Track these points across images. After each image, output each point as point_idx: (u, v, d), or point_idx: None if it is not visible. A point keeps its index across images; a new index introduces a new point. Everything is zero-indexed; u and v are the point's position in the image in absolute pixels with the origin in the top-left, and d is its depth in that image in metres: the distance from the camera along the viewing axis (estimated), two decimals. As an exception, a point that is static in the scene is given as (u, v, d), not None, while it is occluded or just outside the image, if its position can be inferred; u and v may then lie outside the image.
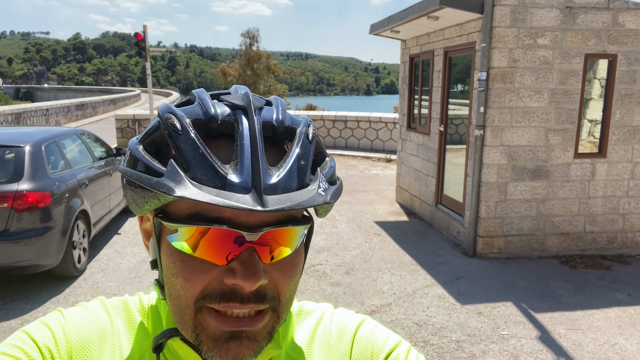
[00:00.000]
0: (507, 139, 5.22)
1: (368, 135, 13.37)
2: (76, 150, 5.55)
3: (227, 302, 0.50)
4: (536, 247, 5.50)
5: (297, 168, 0.50)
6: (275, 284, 0.52)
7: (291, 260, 0.53)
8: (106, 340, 0.59)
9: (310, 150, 0.53)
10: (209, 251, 0.49)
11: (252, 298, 0.50)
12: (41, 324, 0.58)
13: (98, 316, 0.61)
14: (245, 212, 0.48)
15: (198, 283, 0.50)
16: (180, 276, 0.51)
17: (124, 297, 0.65)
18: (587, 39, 5.13)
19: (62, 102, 21.40)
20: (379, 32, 7.30)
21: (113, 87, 74.90)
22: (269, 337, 0.53)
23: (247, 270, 0.49)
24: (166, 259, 0.53)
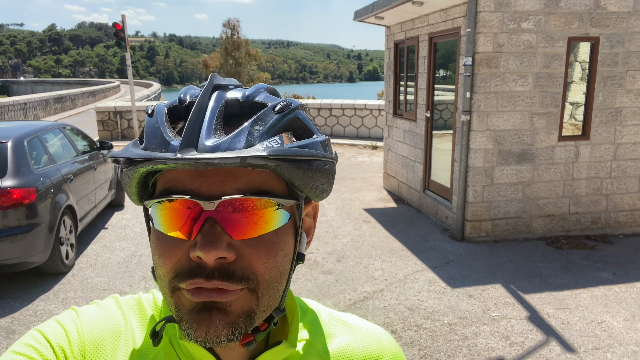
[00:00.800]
0: (493, 123, 5.27)
1: (353, 122, 13.36)
2: (59, 144, 5.45)
3: (193, 279, 0.49)
4: (523, 229, 5.60)
5: (248, 132, 0.50)
6: (249, 262, 0.51)
7: (269, 239, 0.52)
8: (120, 338, 0.59)
9: (272, 119, 0.51)
10: (172, 225, 0.51)
11: (216, 273, 0.49)
12: (55, 322, 0.58)
13: (112, 314, 0.61)
14: (207, 183, 0.50)
15: (169, 259, 0.51)
16: (157, 254, 0.53)
17: (138, 295, 0.65)
18: (570, 22, 5.17)
19: (40, 96, 20.92)
20: (364, 19, 7.26)
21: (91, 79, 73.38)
22: (246, 317, 0.51)
23: (205, 240, 0.49)
24: (150, 241, 0.55)
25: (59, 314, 0.60)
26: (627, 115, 5.53)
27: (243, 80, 31.11)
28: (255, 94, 0.54)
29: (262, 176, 0.51)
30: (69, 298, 4.22)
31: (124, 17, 12.87)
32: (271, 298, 0.54)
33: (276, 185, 0.53)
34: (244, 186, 0.50)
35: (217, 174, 0.50)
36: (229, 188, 0.50)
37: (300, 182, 0.53)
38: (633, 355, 3.32)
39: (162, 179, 0.53)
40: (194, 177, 0.50)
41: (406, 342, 3.50)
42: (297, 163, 0.51)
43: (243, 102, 0.53)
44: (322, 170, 0.55)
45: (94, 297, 4.23)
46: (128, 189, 0.56)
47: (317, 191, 0.56)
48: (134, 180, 0.54)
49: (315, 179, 0.54)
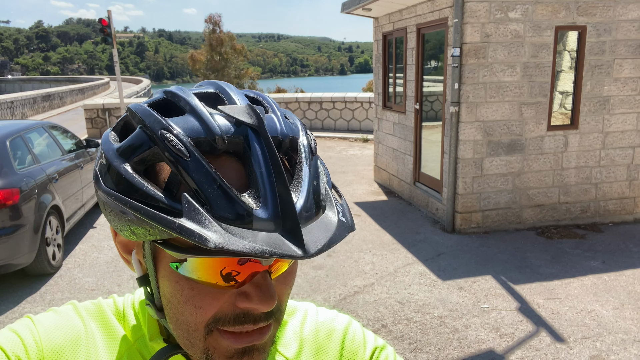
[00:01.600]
0: (482, 114, 5.25)
1: (344, 115, 13.32)
2: (44, 144, 5.36)
3: (242, 325, 0.49)
4: (513, 220, 5.60)
5: (313, 191, 0.46)
6: (280, 298, 0.52)
7: (291, 270, 0.53)
8: (80, 345, 0.56)
9: (318, 166, 0.50)
10: (214, 274, 0.47)
11: (263, 316, 0.50)
12: (9, 331, 0.55)
13: (70, 321, 0.58)
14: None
15: (210, 310, 0.48)
16: (190, 304, 0.48)
17: (97, 300, 0.63)
18: (557, 11, 5.15)
19: (28, 94, 20.65)
20: (351, 11, 7.20)
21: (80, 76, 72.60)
22: (272, 344, 0.54)
23: (263, 294, 0.48)
24: (170, 286, 0.49)
25: (13, 323, 0.58)
26: (615, 104, 5.53)
27: (231, 76, 30.88)
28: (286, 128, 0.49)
29: None
30: (56, 299, 4.16)
31: (110, 13, 12.70)
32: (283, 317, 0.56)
33: None
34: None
35: None
36: None
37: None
38: (622, 344, 3.33)
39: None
40: None
41: (396, 335, 3.49)
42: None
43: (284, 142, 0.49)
44: None
45: (81, 298, 4.18)
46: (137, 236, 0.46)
47: None
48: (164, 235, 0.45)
49: None
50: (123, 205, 0.44)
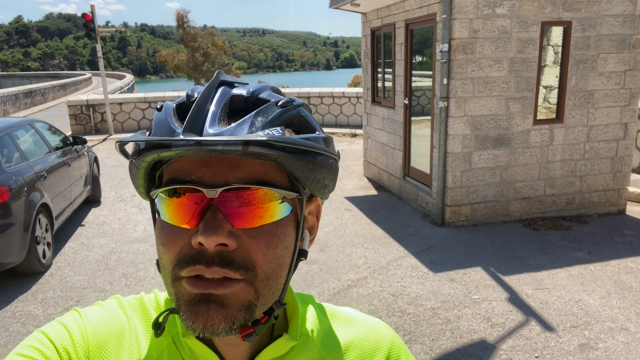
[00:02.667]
0: (470, 109, 5.32)
1: (332, 110, 13.34)
2: (31, 141, 5.29)
3: (194, 265, 0.50)
4: (500, 212, 5.70)
5: (251, 122, 0.51)
6: (248, 251, 0.52)
7: (270, 230, 0.53)
8: (124, 338, 0.59)
9: (275, 112, 0.53)
10: (176, 214, 0.52)
11: (216, 260, 0.50)
12: (58, 324, 0.58)
13: (115, 315, 0.61)
14: (210, 172, 0.51)
15: (172, 248, 0.52)
16: (161, 243, 0.54)
17: (140, 295, 0.65)
18: (543, 6, 5.23)
19: (9, 90, 20.24)
20: (339, 6, 7.21)
21: (62, 72, 71.30)
22: (245, 310, 0.52)
23: (206, 226, 0.50)
24: (155, 231, 0.56)
25: (61, 316, 0.60)
26: (599, 98, 5.65)
27: (213, 72, 30.60)
28: (260, 91, 0.56)
29: (264, 168, 0.53)
30: (48, 298, 4.13)
31: (93, 7, 12.50)
32: (271, 291, 0.55)
33: (278, 178, 0.54)
34: (247, 176, 0.52)
35: (221, 163, 0.51)
36: (231, 177, 0.51)
37: (301, 174, 0.54)
38: (609, 332, 3.43)
39: (168, 170, 0.54)
40: (198, 166, 0.52)
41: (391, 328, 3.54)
42: (298, 154, 0.52)
43: (248, 98, 0.55)
44: (324, 165, 0.56)
45: (73, 296, 4.15)
46: (136, 180, 0.58)
47: (318, 185, 0.57)
48: (142, 171, 0.55)
49: (316, 172, 0.55)
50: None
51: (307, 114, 0.57)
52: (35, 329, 3.61)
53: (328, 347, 0.65)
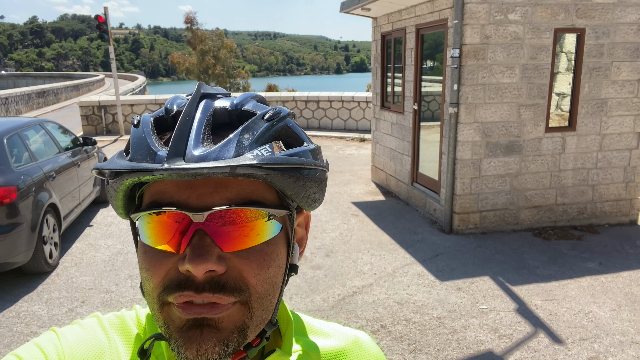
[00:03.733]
0: (481, 115, 5.26)
1: (341, 115, 13.32)
2: (40, 141, 5.32)
3: (182, 291, 0.48)
4: (510, 221, 5.62)
5: (237, 141, 0.48)
6: (239, 272, 0.49)
7: (261, 250, 0.51)
8: (104, 358, 0.57)
9: (261, 127, 0.50)
10: (160, 238, 0.49)
11: (207, 286, 0.48)
12: (34, 346, 0.55)
13: (94, 334, 0.59)
14: (196, 194, 0.48)
15: (157, 273, 0.50)
16: (144, 268, 0.51)
17: (121, 312, 0.63)
18: (557, 13, 5.17)
19: (22, 90, 20.49)
20: (350, 10, 7.20)
21: (75, 72, 72.11)
22: (239, 333, 0.50)
23: (194, 253, 0.47)
24: (138, 255, 0.53)
25: (37, 337, 0.57)
26: (612, 106, 5.56)
27: (224, 75, 30.68)
28: (244, 103, 0.53)
29: (252, 186, 0.50)
30: (53, 298, 4.14)
31: (106, 9, 12.62)
32: (264, 311, 0.52)
33: (267, 195, 0.51)
34: (234, 197, 0.49)
35: (206, 184, 0.48)
36: (218, 199, 0.49)
37: (291, 192, 0.52)
38: (619, 345, 3.35)
39: (149, 191, 0.51)
40: (182, 188, 0.49)
41: (395, 336, 3.49)
42: (288, 172, 0.50)
43: (232, 111, 0.52)
44: (314, 179, 0.53)
45: (79, 297, 4.16)
46: (114, 202, 0.54)
47: (309, 200, 0.55)
48: (120, 193, 0.52)
49: (307, 188, 0.53)
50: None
51: (294, 125, 0.55)
52: (39, 329, 3.61)
53: None
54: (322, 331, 0.69)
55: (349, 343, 0.69)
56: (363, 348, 0.70)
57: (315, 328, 0.69)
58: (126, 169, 0.47)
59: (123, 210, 0.55)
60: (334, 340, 0.68)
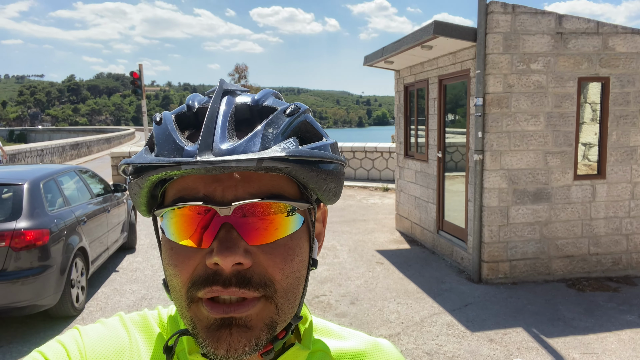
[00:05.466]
0: (507, 162, 5.24)
1: (364, 165, 13.42)
2: (74, 186, 5.51)
3: (210, 286, 0.48)
4: (542, 270, 5.44)
5: (262, 135, 0.50)
6: (265, 268, 0.50)
7: (285, 244, 0.51)
8: (124, 355, 0.58)
9: (284, 122, 0.52)
10: (185, 233, 0.50)
11: (233, 281, 0.48)
12: (56, 342, 0.57)
13: (116, 331, 0.60)
14: (220, 188, 0.49)
15: (185, 269, 0.50)
16: (171, 264, 0.51)
17: (143, 311, 0.64)
18: (580, 63, 5.23)
19: (57, 142, 21.43)
20: (373, 63, 7.43)
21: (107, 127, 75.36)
22: (268, 330, 0.50)
23: (221, 245, 0.48)
24: (162, 252, 0.54)
25: (61, 334, 0.59)
26: (642, 154, 5.47)
27: None
28: (264, 99, 0.55)
29: (275, 180, 0.51)
30: (77, 342, 4.12)
31: (141, 67, 13.34)
32: (290, 306, 0.53)
33: (289, 189, 0.53)
34: (257, 191, 0.50)
35: (230, 179, 0.50)
36: (242, 193, 0.50)
37: (314, 185, 0.53)
38: (669, 404, 3.12)
39: (173, 188, 0.52)
40: (207, 183, 0.50)
41: (426, 389, 3.33)
42: (311, 165, 0.51)
43: (253, 107, 0.53)
44: (334, 173, 0.55)
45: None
46: (137, 199, 0.55)
47: (329, 194, 0.56)
48: (144, 190, 0.53)
49: (327, 182, 0.54)
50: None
51: (313, 120, 0.56)
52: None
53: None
54: (341, 334, 0.69)
55: (369, 346, 0.68)
56: (384, 352, 0.69)
57: (335, 331, 0.69)
58: (159, 163, 0.48)
59: (145, 208, 0.56)
60: (353, 342, 0.68)
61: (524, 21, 5.08)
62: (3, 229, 4.02)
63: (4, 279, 3.95)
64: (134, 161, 0.50)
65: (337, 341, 0.67)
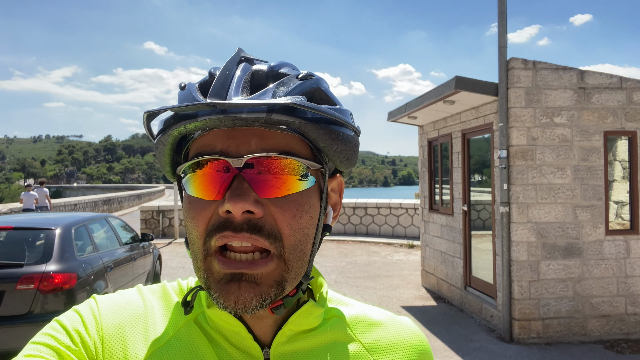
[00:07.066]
0: (534, 215, 5.14)
1: (389, 221, 13.31)
2: (104, 234, 5.64)
3: (222, 232, 0.51)
4: (577, 330, 5.16)
5: (273, 92, 0.52)
6: (275, 220, 0.52)
7: (295, 200, 0.54)
8: (139, 320, 0.60)
9: (295, 84, 0.54)
10: (203, 187, 0.53)
11: (244, 227, 0.51)
12: (72, 311, 0.60)
13: (131, 299, 0.62)
14: (235, 144, 0.52)
15: (201, 220, 0.53)
16: (189, 217, 0.54)
17: (163, 282, 0.67)
18: (604, 117, 5.23)
19: (90, 198, 22.15)
20: (397, 119, 7.59)
21: (138, 184, 77.79)
22: (277, 287, 0.52)
23: (233, 193, 0.51)
24: (183, 208, 0.57)
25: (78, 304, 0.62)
26: (677, 208, 5.29)
27: None
28: (280, 67, 0.57)
29: (287, 139, 0.54)
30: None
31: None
32: (300, 263, 0.55)
33: (301, 150, 0.55)
34: (270, 147, 0.53)
35: (245, 135, 0.53)
36: (255, 148, 0.53)
37: (324, 144, 0.55)
38: None
39: (194, 147, 0.56)
40: (222, 139, 0.53)
41: None
42: (320, 123, 0.54)
43: (268, 73, 0.56)
44: (345, 136, 0.57)
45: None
46: (162, 158, 0.59)
47: (341, 157, 0.58)
48: (168, 146, 0.57)
49: (338, 143, 0.56)
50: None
51: (327, 88, 0.58)
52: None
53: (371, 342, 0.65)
54: (356, 305, 0.69)
55: (386, 318, 0.68)
56: (401, 325, 0.69)
57: (351, 303, 0.70)
58: (174, 107, 0.52)
59: (170, 168, 0.60)
60: (370, 312, 0.68)
61: (545, 76, 5.17)
62: (33, 272, 4.12)
63: (30, 321, 3.99)
64: (155, 109, 0.54)
65: (352, 309, 0.68)
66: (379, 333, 0.66)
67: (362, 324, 0.66)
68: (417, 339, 0.68)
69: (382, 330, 0.66)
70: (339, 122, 0.55)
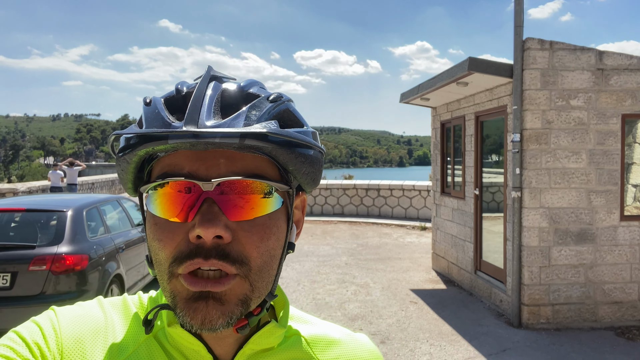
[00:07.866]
0: (547, 200, 5.05)
1: (401, 203, 13.26)
2: (116, 216, 5.72)
3: (193, 258, 0.51)
4: (587, 316, 5.11)
5: (246, 116, 0.52)
6: (242, 245, 0.52)
7: (263, 223, 0.54)
8: (99, 334, 0.59)
9: (266, 107, 0.54)
10: (171, 208, 0.52)
11: (214, 253, 0.51)
12: (31, 322, 0.59)
13: (91, 312, 0.61)
14: (204, 166, 0.52)
15: (169, 243, 0.52)
16: (155, 239, 0.53)
17: (123, 296, 0.66)
18: (623, 99, 5.06)
19: (107, 177, 22.46)
20: (409, 100, 7.47)
21: (155, 163, 78.78)
22: (242, 305, 0.53)
23: (203, 218, 0.50)
24: (147, 228, 0.56)
25: (37, 315, 0.61)
26: (696, 194, 5.14)
27: None
28: (249, 86, 0.58)
29: (257, 161, 0.54)
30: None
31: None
32: (264, 283, 0.55)
33: (270, 172, 0.55)
34: (240, 170, 0.53)
35: (214, 157, 0.52)
36: (225, 171, 0.52)
37: (293, 167, 0.56)
38: None
39: (159, 165, 0.55)
40: (191, 161, 0.53)
41: None
42: (291, 148, 0.54)
43: (238, 93, 0.56)
44: (313, 158, 0.58)
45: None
46: (124, 175, 0.58)
47: (308, 178, 0.58)
48: (132, 165, 0.56)
49: (306, 165, 0.57)
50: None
51: (295, 109, 0.59)
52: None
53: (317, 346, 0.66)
54: (317, 323, 0.70)
55: (344, 336, 0.69)
56: (359, 342, 0.70)
57: (311, 320, 0.70)
58: (147, 133, 0.50)
59: (132, 185, 0.59)
60: (328, 331, 0.69)
61: (562, 57, 5.01)
62: (45, 253, 4.21)
63: (42, 301, 4.09)
64: (125, 132, 0.53)
65: (312, 327, 0.69)
66: (337, 351, 0.67)
67: (322, 342, 0.67)
68: (374, 356, 0.69)
69: (341, 348, 0.67)
70: (307, 145, 0.56)
